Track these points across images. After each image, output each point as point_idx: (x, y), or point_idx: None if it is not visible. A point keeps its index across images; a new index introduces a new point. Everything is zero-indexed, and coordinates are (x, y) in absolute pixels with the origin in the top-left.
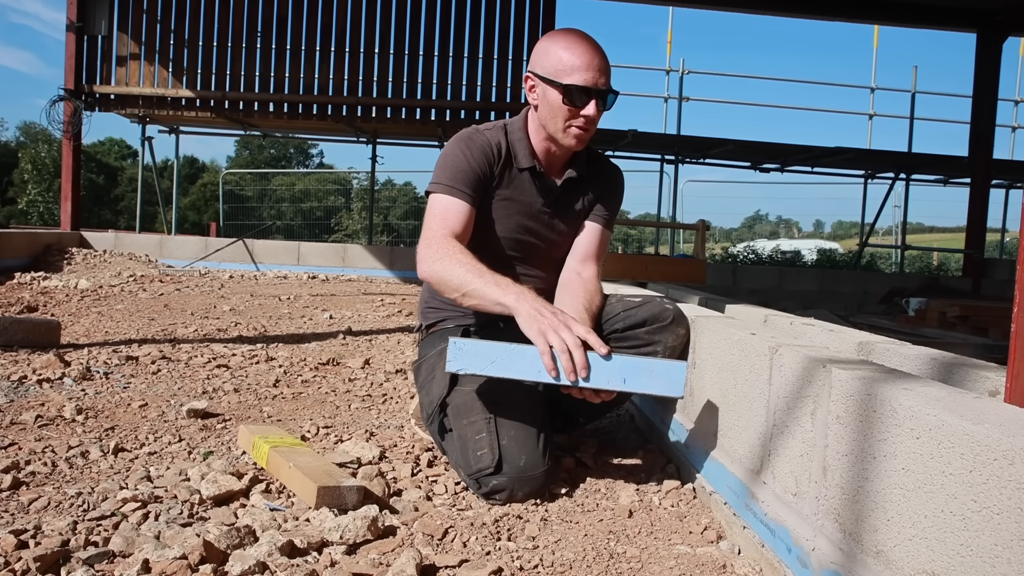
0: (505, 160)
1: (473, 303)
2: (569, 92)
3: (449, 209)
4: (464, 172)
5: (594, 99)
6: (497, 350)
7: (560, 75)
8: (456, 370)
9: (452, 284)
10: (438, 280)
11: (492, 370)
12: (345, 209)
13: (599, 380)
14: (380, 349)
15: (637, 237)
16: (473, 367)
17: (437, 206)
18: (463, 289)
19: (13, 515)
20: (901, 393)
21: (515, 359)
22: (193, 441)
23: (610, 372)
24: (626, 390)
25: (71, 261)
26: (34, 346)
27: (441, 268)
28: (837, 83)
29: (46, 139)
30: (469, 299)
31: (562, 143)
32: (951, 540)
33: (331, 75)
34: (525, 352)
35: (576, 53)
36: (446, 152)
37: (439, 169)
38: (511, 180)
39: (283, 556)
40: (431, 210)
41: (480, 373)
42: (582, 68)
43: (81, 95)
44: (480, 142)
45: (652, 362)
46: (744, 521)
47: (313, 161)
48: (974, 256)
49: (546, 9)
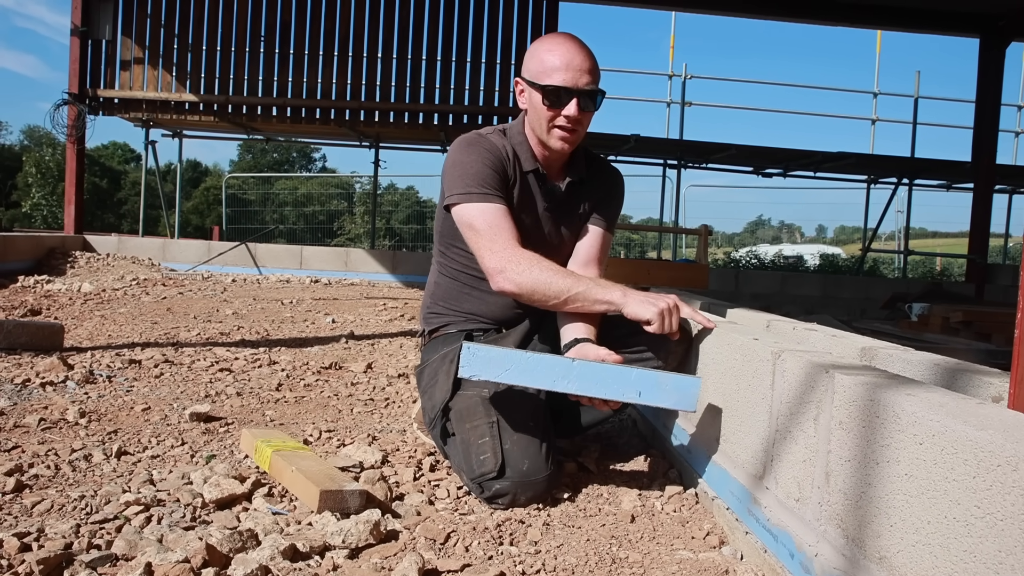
0: (514, 165)
1: (576, 306)
2: (548, 93)
3: (497, 216)
4: (490, 176)
5: (575, 99)
6: (512, 357)
7: (541, 76)
8: (469, 375)
9: (553, 291)
10: (532, 289)
11: (507, 377)
12: (348, 213)
13: (614, 392)
14: (382, 353)
15: (639, 242)
16: (487, 373)
17: (482, 216)
18: (567, 294)
19: (16, 518)
20: (904, 399)
21: (531, 367)
22: (196, 445)
23: (626, 384)
24: (640, 403)
25: (74, 264)
26: (37, 349)
27: (536, 277)
28: (840, 88)
29: (50, 143)
30: (572, 303)
31: (549, 145)
32: (954, 546)
33: (334, 79)
34: (541, 360)
35: (557, 54)
36: (458, 161)
37: (460, 178)
38: (521, 184)
39: (285, 560)
40: (475, 220)
41: (494, 380)
42: (561, 68)
43: (85, 99)
44: (489, 146)
45: (667, 376)
46: (747, 526)
47: (316, 165)
48: (977, 261)
49: (548, 14)
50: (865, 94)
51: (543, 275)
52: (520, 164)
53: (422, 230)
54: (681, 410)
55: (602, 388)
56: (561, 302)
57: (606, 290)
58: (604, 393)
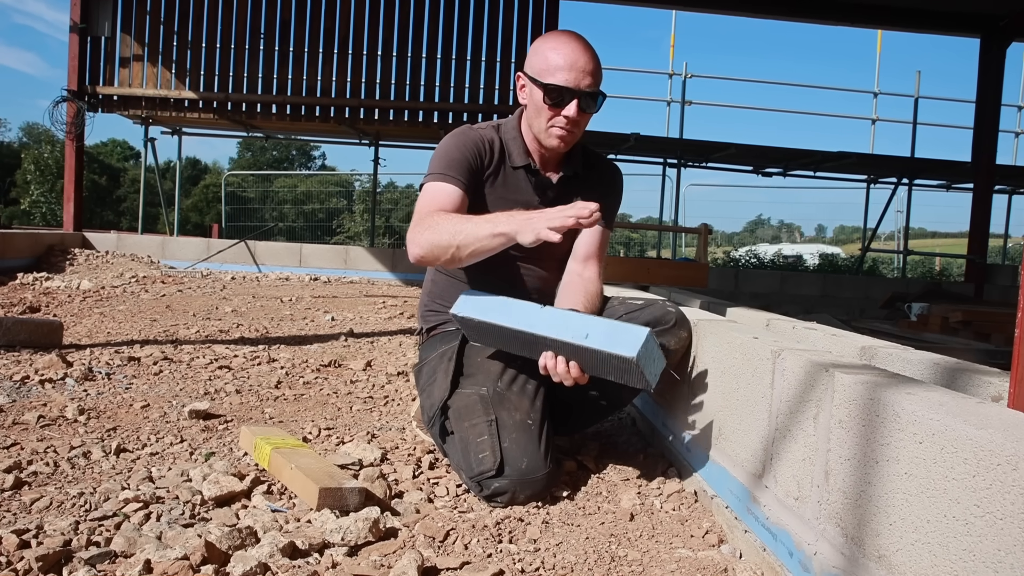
0: (499, 158)
1: (471, 250)
2: (550, 91)
3: (439, 192)
4: (456, 160)
5: (576, 100)
6: (495, 302)
7: (543, 74)
8: (459, 312)
9: (444, 240)
10: (430, 247)
11: (489, 317)
12: (347, 211)
13: (565, 333)
14: (382, 351)
15: (639, 241)
16: (474, 313)
17: (427, 193)
18: (456, 240)
19: (15, 515)
20: (904, 398)
21: (507, 310)
22: (195, 442)
23: (580, 328)
24: (588, 345)
25: (73, 262)
26: (36, 346)
27: (429, 235)
28: (840, 87)
29: (49, 140)
30: (466, 248)
31: (545, 143)
32: (954, 545)
33: (333, 77)
34: (516, 304)
35: (562, 53)
36: (438, 147)
37: (432, 162)
38: (506, 178)
39: (285, 557)
40: (421, 198)
41: (479, 318)
42: (565, 68)
43: (84, 96)
44: (472, 137)
45: (619, 325)
46: (746, 525)
47: (315, 163)
48: (976, 262)
49: (548, 12)
50: (865, 94)
51: (435, 229)
52: (511, 159)
53: None
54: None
55: (556, 329)
56: (456, 249)
57: (494, 224)
58: (556, 334)
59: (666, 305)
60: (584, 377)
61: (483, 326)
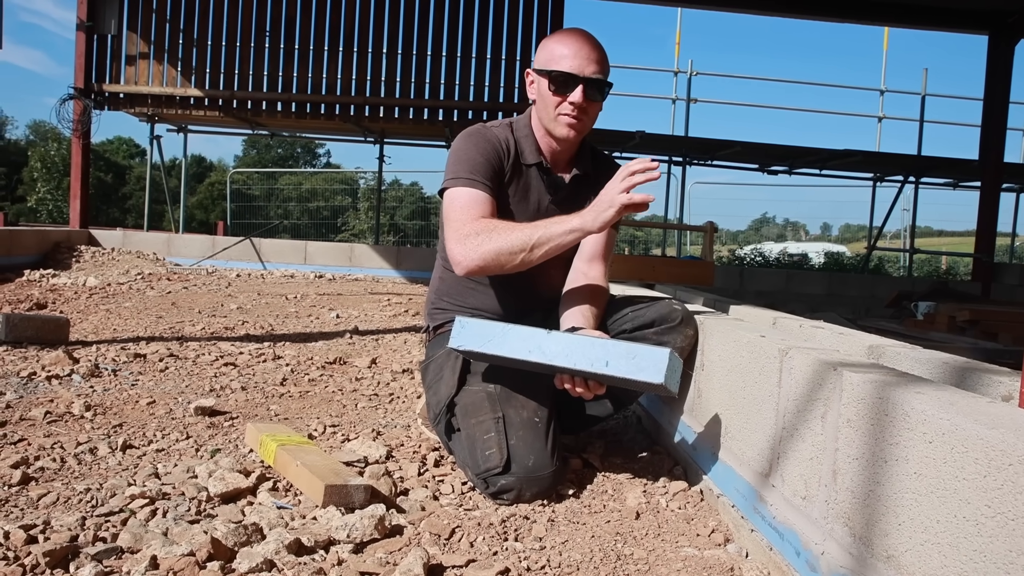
0: (514, 157)
1: (544, 250)
2: (555, 78)
3: (473, 200)
4: (480, 164)
5: (581, 86)
6: (494, 329)
7: (548, 64)
8: (457, 346)
9: (516, 246)
10: (494, 256)
11: (488, 347)
12: (352, 209)
13: (583, 362)
14: (387, 348)
15: (644, 239)
16: (472, 344)
17: (458, 199)
18: (530, 242)
19: (22, 510)
20: (914, 397)
21: (509, 338)
22: (201, 439)
23: (595, 354)
24: (609, 373)
25: (80, 259)
26: (43, 343)
27: (494, 244)
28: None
29: (55, 137)
30: (539, 248)
31: (555, 133)
32: (964, 546)
33: (339, 75)
34: (518, 331)
35: (566, 44)
36: (456, 148)
37: (452, 165)
38: (519, 177)
39: (290, 554)
40: (452, 204)
41: (478, 350)
42: (569, 56)
43: (91, 94)
44: (489, 137)
45: (638, 347)
46: (752, 524)
47: (320, 161)
48: (984, 260)
49: (554, 10)
50: (872, 91)
51: (500, 238)
52: (523, 157)
53: (426, 226)
54: (652, 383)
55: (573, 359)
56: (528, 252)
57: (564, 222)
58: (574, 363)
59: (672, 303)
60: (602, 389)
61: (488, 357)
